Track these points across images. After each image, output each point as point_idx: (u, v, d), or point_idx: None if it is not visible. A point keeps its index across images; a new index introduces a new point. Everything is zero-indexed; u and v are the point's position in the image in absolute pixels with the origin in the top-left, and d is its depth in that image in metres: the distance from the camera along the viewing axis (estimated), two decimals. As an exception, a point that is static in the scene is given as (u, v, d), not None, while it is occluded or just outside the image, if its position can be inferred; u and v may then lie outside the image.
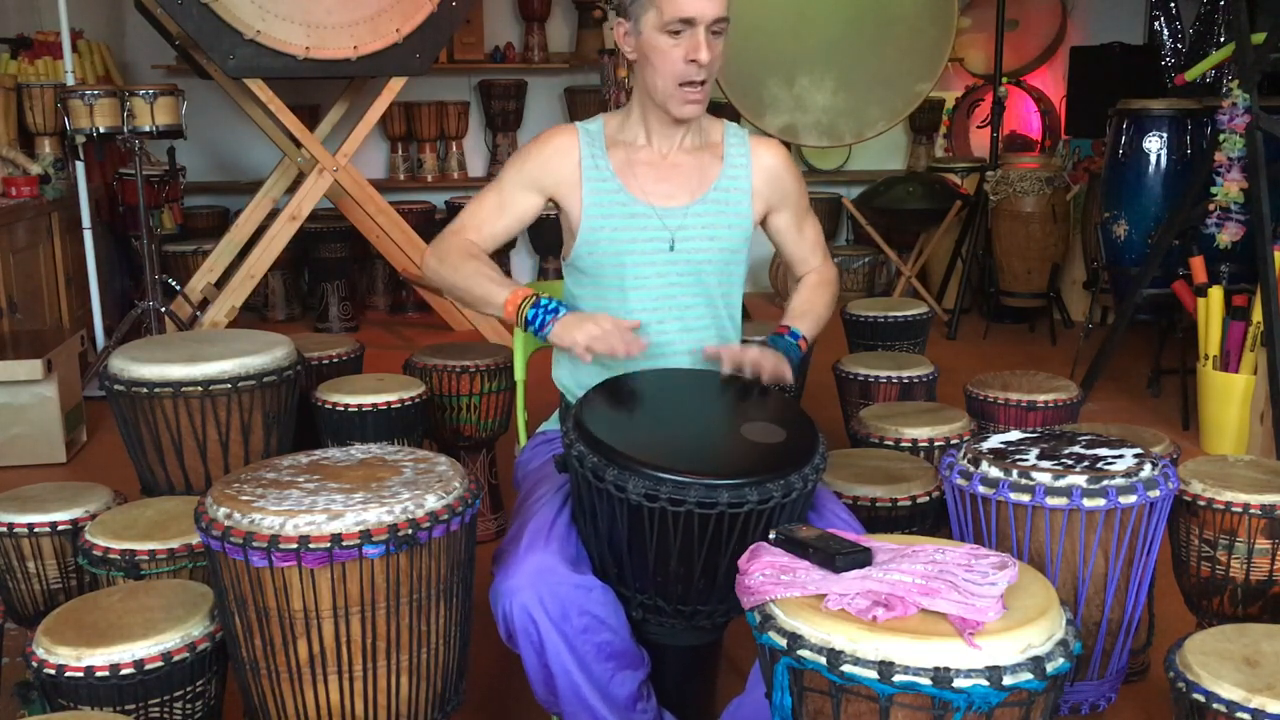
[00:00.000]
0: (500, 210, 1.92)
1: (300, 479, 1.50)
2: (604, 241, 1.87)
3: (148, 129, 4.08)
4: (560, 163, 1.89)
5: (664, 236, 1.87)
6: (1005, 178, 5.21)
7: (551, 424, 2.02)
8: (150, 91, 4.09)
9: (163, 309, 4.31)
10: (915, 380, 2.90)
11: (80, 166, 4.45)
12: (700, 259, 1.89)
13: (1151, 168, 4.23)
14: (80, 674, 1.47)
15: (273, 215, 4.96)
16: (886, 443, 2.34)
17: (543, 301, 1.78)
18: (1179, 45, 5.61)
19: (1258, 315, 3.38)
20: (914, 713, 1.14)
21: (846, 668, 1.14)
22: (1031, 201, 5.16)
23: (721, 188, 1.91)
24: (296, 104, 5.00)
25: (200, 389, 2.16)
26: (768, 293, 6.19)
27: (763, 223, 2.00)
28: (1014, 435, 1.84)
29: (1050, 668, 1.16)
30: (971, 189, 5.59)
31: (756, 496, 1.47)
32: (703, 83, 1.81)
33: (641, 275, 1.87)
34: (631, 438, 1.57)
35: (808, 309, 1.98)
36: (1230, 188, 3.55)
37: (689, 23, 1.76)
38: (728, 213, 1.91)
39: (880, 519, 2.01)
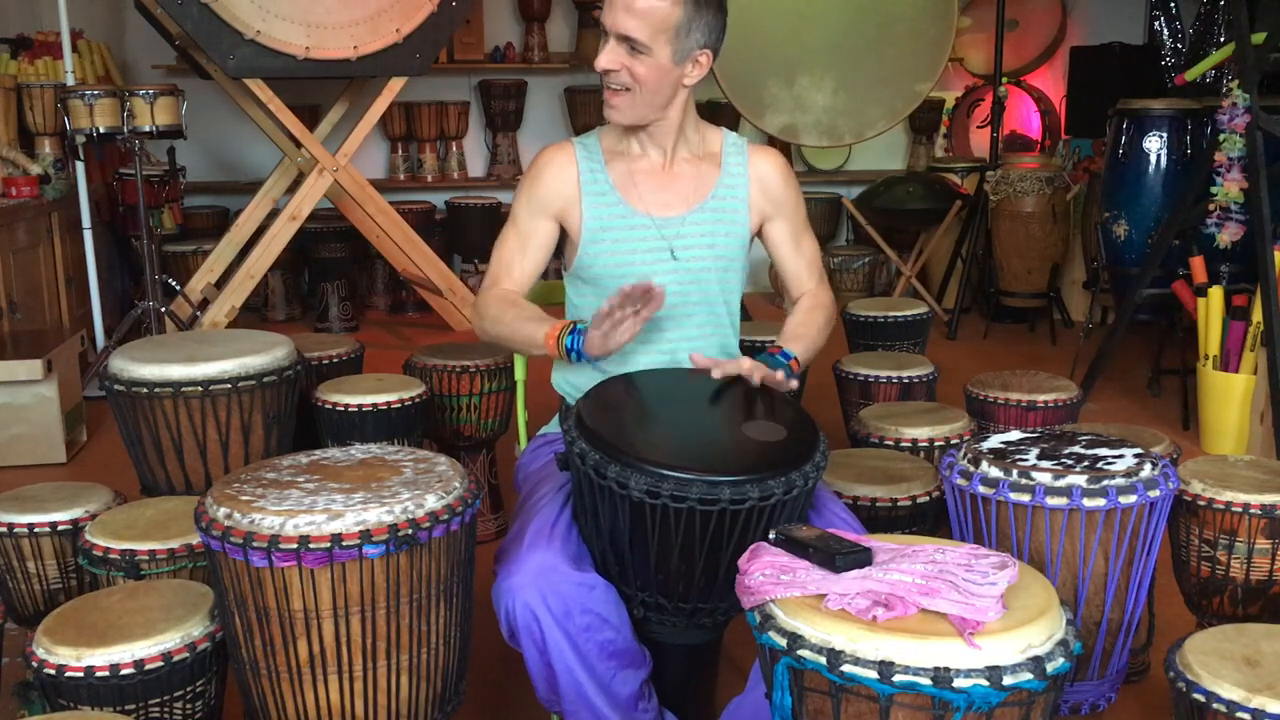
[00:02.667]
0: (523, 247, 1.92)
1: (300, 479, 1.50)
2: (605, 254, 1.88)
3: (148, 129, 4.08)
4: (561, 182, 1.90)
5: (663, 246, 1.88)
6: (1005, 178, 5.21)
7: (552, 426, 2.01)
8: (150, 91, 4.09)
9: (163, 309, 4.31)
10: (915, 380, 2.90)
11: (80, 166, 4.45)
12: (699, 267, 1.89)
13: (1151, 168, 4.23)
14: (80, 674, 1.48)
15: (273, 215, 4.96)
16: (886, 443, 2.34)
17: (579, 327, 1.76)
18: (1179, 45, 5.61)
19: (1258, 315, 3.38)
20: (914, 713, 1.14)
21: (846, 668, 1.14)
22: (1031, 201, 5.16)
23: (719, 196, 1.92)
24: (296, 104, 5.00)
25: (200, 389, 2.16)
26: (768, 293, 6.19)
27: (760, 233, 1.99)
28: (1014, 435, 1.84)
29: (1050, 668, 1.16)
30: (971, 189, 5.59)
31: (758, 493, 1.47)
32: (619, 90, 1.81)
33: None
34: (633, 435, 1.57)
35: (802, 332, 1.93)
36: (1230, 188, 3.56)
37: (604, 29, 1.79)
38: (725, 221, 1.92)
39: (880, 519, 2.01)
